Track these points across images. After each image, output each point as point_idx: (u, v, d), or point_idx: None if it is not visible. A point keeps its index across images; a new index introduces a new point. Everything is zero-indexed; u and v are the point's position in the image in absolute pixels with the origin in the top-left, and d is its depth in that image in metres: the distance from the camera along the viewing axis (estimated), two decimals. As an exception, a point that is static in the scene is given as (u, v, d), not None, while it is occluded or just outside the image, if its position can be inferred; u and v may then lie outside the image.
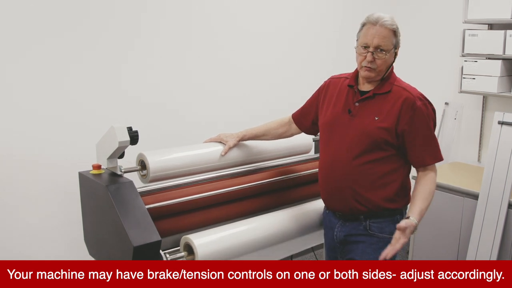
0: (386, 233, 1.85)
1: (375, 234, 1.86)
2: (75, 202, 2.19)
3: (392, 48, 1.85)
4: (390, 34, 1.83)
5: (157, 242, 1.69)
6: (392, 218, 1.87)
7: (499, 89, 3.09)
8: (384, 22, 1.82)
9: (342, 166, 1.84)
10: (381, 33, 1.82)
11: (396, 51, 1.88)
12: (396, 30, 1.85)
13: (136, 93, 2.61)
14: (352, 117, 1.85)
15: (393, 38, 1.84)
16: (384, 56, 1.82)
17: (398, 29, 1.86)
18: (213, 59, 2.89)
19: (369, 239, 1.87)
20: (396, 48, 1.88)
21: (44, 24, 2.28)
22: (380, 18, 1.83)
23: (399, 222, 1.75)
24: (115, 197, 1.72)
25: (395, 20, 1.87)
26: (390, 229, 1.84)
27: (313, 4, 3.35)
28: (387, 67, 1.86)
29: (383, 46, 1.81)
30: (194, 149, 2.05)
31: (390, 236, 1.79)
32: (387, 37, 1.82)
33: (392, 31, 1.83)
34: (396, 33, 1.85)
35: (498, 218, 2.82)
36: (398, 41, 1.88)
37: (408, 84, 1.90)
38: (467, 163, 3.55)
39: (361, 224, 1.87)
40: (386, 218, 1.86)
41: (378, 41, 1.81)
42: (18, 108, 2.26)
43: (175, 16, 2.70)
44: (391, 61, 1.88)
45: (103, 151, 1.90)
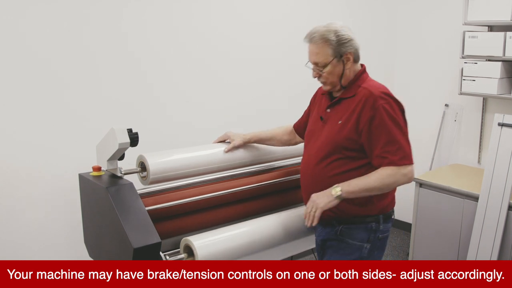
0: (357, 240, 1.80)
1: (345, 240, 1.81)
2: (75, 204, 2.19)
3: (332, 59, 1.78)
4: (323, 48, 1.77)
5: (157, 244, 1.69)
6: (366, 226, 1.81)
7: (499, 91, 3.09)
8: (312, 38, 1.79)
9: (310, 171, 1.86)
10: (313, 50, 1.80)
11: (344, 58, 1.79)
12: (330, 39, 1.76)
13: (136, 94, 2.62)
14: (324, 124, 1.87)
15: (328, 49, 1.77)
16: (325, 70, 1.79)
17: (338, 35, 1.77)
18: (214, 62, 2.89)
19: (339, 244, 1.83)
20: (343, 55, 1.79)
21: (44, 24, 2.28)
22: (310, 35, 1.80)
23: (371, 229, 1.78)
24: (115, 198, 1.72)
25: (333, 26, 1.79)
26: (361, 236, 1.79)
27: (313, 5, 3.35)
28: (338, 77, 1.81)
29: (318, 62, 1.80)
30: (194, 151, 2.05)
31: (361, 243, 1.77)
32: (320, 52, 1.78)
33: (325, 43, 1.77)
34: (332, 43, 1.77)
35: (498, 220, 2.82)
36: (341, 47, 1.78)
37: (376, 84, 1.84)
38: (467, 165, 3.55)
39: (334, 229, 1.83)
40: (359, 224, 1.81)
41: (313, 58, 1.81)
42: (18, 110, 2.27)
43: (175, 16, 2.70)
44: (340, 70, 1.81)
45: (103, 153, 1.90)
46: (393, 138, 1.73)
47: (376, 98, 1.75)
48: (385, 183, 1.74)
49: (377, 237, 1.82)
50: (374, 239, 1.81)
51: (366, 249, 1.80)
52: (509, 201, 2.79)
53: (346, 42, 1.78)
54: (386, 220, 1.85)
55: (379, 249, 1.85)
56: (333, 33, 1.76)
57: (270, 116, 3.11)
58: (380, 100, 1.74)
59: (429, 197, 3.21)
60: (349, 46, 1.78)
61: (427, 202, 3.23)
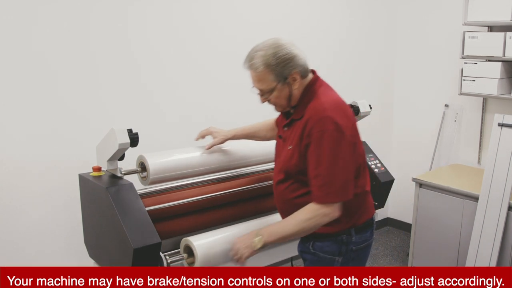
0: (328, 254, 1.73)
1: (316, 253, 1.76)
2: (75, 204, 2.19)
3: (275, 84, 1.64)
4: (264, 74, 1.63)
5: (157, 244, 1.69)
6: (336, 238, 1.72)
7: (499, 91, 3.09)
8: (251, 65, 1.64)
9: (275, 189, 1.81)
10: (254, 78, 1.66)
11: (290, 79, 1.64)
12: (270, 64, 1.61)
13: (136, 95, 2.62)
14: (284, 142, 1.77)
15: (269, 75, 1.62)
16: (271, 96, 1.68)
17: (277, 57, 1.60)
18: (213, 61, 2.89)
19: (311, 257, 1.78)
20: (287, 77, 1.63)
21: (45, 24, 2.28)
22: (248, 60, 1.66)
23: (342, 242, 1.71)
24: (115, 199, 1.72)
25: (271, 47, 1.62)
26: (331, 249, 1.72)
27: (314, 6, 3.35)
28: (287, 99, 1.68)
29: (262, 88, 1.67)
30: (195, 151, 2.05)
31: (332, 256, 1.73)
32: (261, 79, 1.64)
33: (265, 69, 1.62)
34: (273, 67, 1.61)
35: (498, 220, 2.82)
36: (284, 70, 1.62)
37: (325, 101, 1.65)
38: (467, 165, 3.55)
39: (308, 242, 1.78)
40: (329, 238, 1.73)
41: (257, 85, 1.68)
42: (18, 110, 2.27)
43: (175, 18, 2.70)
44: (287, 92, 1.66)
45: (103, 153, 1.90)
46: (321, 171, 1.59)
47: (314, 125, 1.60)
48: (304, 228, 1.63)
49: (350, 249, 1.74)
50: (346, 252, 1.74)
51: (338, 262, 1.74)
52: (509, 201, 2.79)
53: (289, 63, 1.62)
54: (359, 231, 1.75)
55: (355, 260, 1.77)
56: (271, 56, 1.60)
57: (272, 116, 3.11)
58: (317, 126, 1.59)
59: (429, 197, 3.21)
60: (292, 66, 1.62)
61: (427, 202, 3.23)
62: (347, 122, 1.63)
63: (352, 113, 1.74)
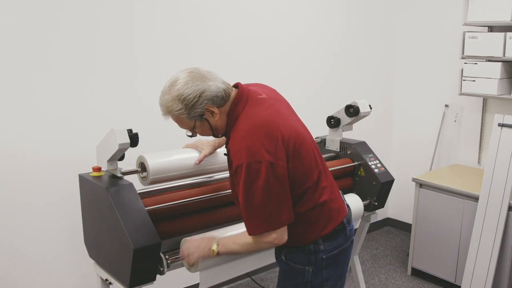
0: (298, 264, 1.70)
1: (288, 263, 1.73)
2: (75, 204, 2.19)
3: (193, 122, 1.59)
4: (178, 118, 1.60)
5: (157, 244, 1.69)
6: (304, 248, 1.69)
7: (499, 91, 3.09)
8: (164, 113, 1.61)
9: None
10: (174, 120, 1.63)
11: (206, 115, 1.58)
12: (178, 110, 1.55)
13: (136, 95, 2.62)
14: None
15: (183, 118, 1.58)
16: (196, 132, 1.64)
17: (183, 99, 1.54)
18: (214, 61, 2.88)
19: (283, 266, 1.75)
20: (203, 114, 1.57)
21: (47, 25, 2.28)
22: (161, 109, 1.61)
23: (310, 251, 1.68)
24: (115, 199, 1.72)
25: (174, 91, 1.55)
26: (301, 259, 1.69)
27: (314, 6, 3.36)
28: (211, 131, 1.63)
29: (184, 128, 1.66)
30: (195, 151, 2.05)
31: (303, 266, 1.69)
32: (178, 122, 1.62)
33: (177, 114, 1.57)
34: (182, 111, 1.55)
35: (498, 220, 2.82)
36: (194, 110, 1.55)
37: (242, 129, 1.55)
38: (467, 165, 3.55)
39: (281, 251, 1.75)
40: (298, 248, 1.70)
41: (180, 126, 1.65)
42: (18, 110, 2.27)
43: (175, 18, 2.70)
44: (208, 126, 1.61)
45: (103, 153, 1.90)
46: (243, 206, 1.55)
47: (232, 160, 1.54)
48: (249, 250, 1.63)
49: (321, 258, 1.69)
50: (316, 261, 1.69)
51: (309, 272, 1.70)
52: (509, 201, 2.79)
53: (196, 101, 1.54)
54: (328, 239, 1.69)
55: (329, 268, 1.72)
56: (177, 101, 1.54)
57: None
58: (234, 161, 1.53)
59: (429, 197, 3.21)
60: (202, 103, 1.54)
61: (427, 202, 3.23)
62: (268, 145, 1.51)
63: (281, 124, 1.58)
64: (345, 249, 1.76)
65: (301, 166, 1.60)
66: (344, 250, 1.76)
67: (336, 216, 1.72)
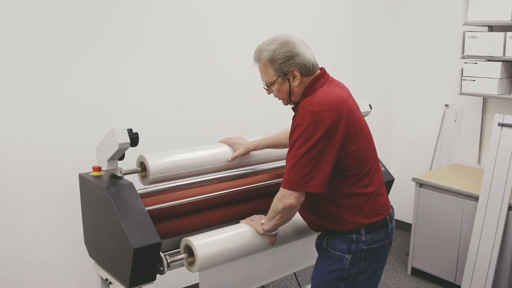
0: (338, 250, 1.78)
1: (328, 249, 1.80)
2: (75, 204, 2.19)
3: (275, 78, 1.74)
4: (265, 67, 1.75)
5: (157, 244, 1.69)
6: (346, 237, 1.76)
7: (499, 91, 3.09)
8: (255, 58, 1.78)
9: None
10: (259, 69, 1.79)
11: (290, 76, 1.73)
12: (270, 59, 1.72)
13: (136, 95, 2.62)
14: None
15: (269, 69, 1.74)
16: (272, 89, 1.78)
17: (277, 53, 1.71)
18: (214, 62, 2.89)
19: (323, 253, 1.83)
20: (287, 73, 1.73)
21: (47, 25, 2.28)
22: (254, 54, 1.78)
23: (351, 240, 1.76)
24: (115, 199, 1.72)
25: (274, 43, 1.72)
26: (341, 247, 1.77)
27: (314, 6, 3.35)
28: (287, 94, 1.77)
29: (264, 81, 1.80)
30: (195, 151, 2.05)
31: (342, 254, 1.76)
32: (263, 72, 1.77)
33: (266, 62, 1.73)
34: (272, 62, 1.72)
35: (498, 220, 2.82)
36: (282, 66, 1.72)
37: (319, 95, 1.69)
38: (467, 165, 3.55)
39: (323, 238, 1.83)
40: (340, 235, 1.78)
41: (262, 77, 1.80)
42: (18, 109, 2.27)
43: (175, 19, 2.70)
44: (287, 88, 1.75)
45: (104, 153, 1.90)
46: (290, 158, 1.67)
47: (297, 115, 1.69)
48: (273, 207, 1.76)
49: (361, 248, 1.76)
50: (356, 250, 1.76)
51: (347, 260, 1.76)
52: (509, 201, 2.79)
53: (288, 60, 1.71)
54: (370, 231, 1.77)
55: (366, 261, 1.78)
56: (272, 52, 1.71)
57: (277, 119, 3.12)
58: (298, 118, 1.67)
59: (429, 197, 3.21)
60: (292, 64, 1.71)
61: (427, 202, 3.23)
62: (333, 118, 1.63)
63: (350, 111, 1.70)
64: (384, 246, 1.83)
65: (356, 152, 1.71)
66: (383, 247, 1.83)
67: (381, 210, 1.81)
